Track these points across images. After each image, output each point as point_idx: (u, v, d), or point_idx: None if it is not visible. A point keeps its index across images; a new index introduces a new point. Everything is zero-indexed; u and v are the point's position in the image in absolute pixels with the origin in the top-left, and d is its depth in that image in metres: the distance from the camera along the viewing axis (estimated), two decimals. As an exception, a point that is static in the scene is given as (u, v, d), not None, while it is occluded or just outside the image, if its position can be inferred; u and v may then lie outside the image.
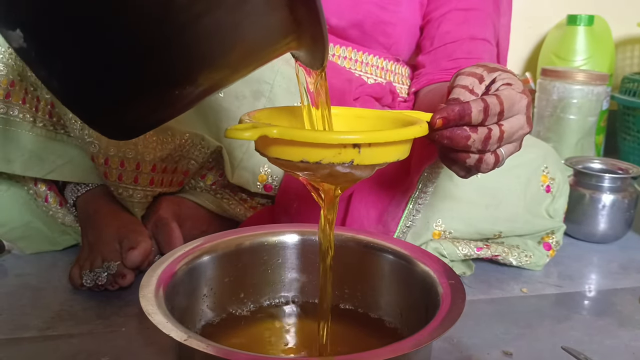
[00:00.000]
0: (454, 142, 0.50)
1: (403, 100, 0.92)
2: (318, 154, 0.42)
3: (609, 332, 0.69)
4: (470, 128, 0.50)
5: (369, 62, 0.89)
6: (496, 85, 0.53)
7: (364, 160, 0.43)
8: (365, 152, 0.42)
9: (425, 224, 0.79)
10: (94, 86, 0.37)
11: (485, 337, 0.66)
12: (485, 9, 0.87)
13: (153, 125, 0.43)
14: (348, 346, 0.56)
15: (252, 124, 0.43)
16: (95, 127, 0.41)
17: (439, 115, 0.49)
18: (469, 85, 0.52)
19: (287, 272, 0.63)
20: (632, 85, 1.41)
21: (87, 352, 0.60)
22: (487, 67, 0.54)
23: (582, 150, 1.33)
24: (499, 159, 0.54)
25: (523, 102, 0.52)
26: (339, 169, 0.43)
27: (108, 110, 0.39)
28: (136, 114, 0.40)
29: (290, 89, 0.81)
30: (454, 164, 0.55)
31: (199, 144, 0.81)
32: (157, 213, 0.80)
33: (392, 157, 0.45)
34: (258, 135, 0.41)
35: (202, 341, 0.41)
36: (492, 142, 0.51)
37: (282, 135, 0.41)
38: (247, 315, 0.60)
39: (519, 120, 0.53)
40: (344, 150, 0.42)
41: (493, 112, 0.50)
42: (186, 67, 0.38)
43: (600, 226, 0.95)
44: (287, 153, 0.43)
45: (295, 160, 0.43)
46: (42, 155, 0.78)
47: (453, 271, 0.55)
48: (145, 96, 0.39)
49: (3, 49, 0.74)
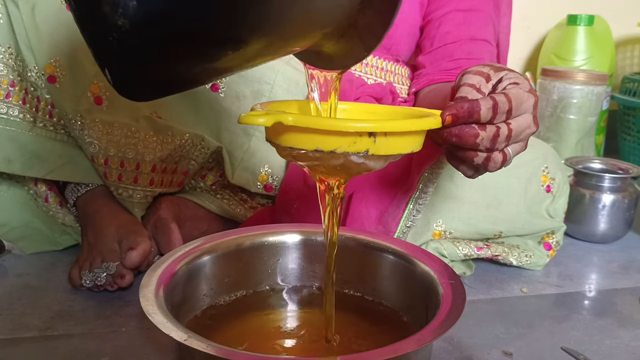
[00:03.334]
0: (463, 140, 0.50)
1: (403, 100, 0.92)
2: (333, 143, 0.41)
3: (609, 332, 0.69)
4: (478, 126, 0.50)
5: (368, 62, 0.89)
6: (503, 84, 0.53)
7: (380, 150, 0.42)
8: (381, 141, 0.42)
9: (426, 224, 0.79)
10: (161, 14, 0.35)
11: (485, 337, 0.66)
12: (485, 10, 0.87)
13: (181, 87, 0.41)
14: (351, 346, 0.56)
15: (266, 110, 0.42)
16: (131, 73, 0.38)
17: (448, 112, 0.48)
18: (476, 84, 0.52)
19: (287, 272, 0.63)
20: (632, 85, 1.41)
21: (87, 352, 0.60)
22: (493, 67, 0.54)
23: (582, 150, 1.33)
24: (506, 158, 0.54)
25: (530, 101, 0.52)
26: (352, 159, 0.42)
27: (160, 51, 0.37)
28: (182, 64, 0.38)
29: (290, 89, 0.81)
30: (461, 163, 0.55)
31: (199, 144, 0.81)
32: (157, 213, 0.80)
33: (407, 148, 0.44)
34: (273, 121, 0.40)
35: (202, 341, 0.41)
36: (500, 141, 0.51)
37: (298, 122, 0.40)
38: (247, 315, 0.60)
39: (526, 119, 0.52)
40: (360, 139, 0.41)
41: (502, 110, 0.50)
42: (250, 16, 0.36)
43: (601, 226, 0.95)
44: (301, 141, 0.42)
45: (309, 149, 0.42)
46: (42, 155, 0.78)
47: (453, 271, 0.55)
48: (200, 44, 0.37)
49: (3, 49, 0.74)
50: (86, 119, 0.74)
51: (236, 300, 0.60)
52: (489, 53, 0.88)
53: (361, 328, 0.58)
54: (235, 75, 0.80)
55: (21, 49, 0.74)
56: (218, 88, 0.80)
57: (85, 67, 0.75)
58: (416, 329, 0.45)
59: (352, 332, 0.56)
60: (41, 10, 0.73)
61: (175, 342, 0.42)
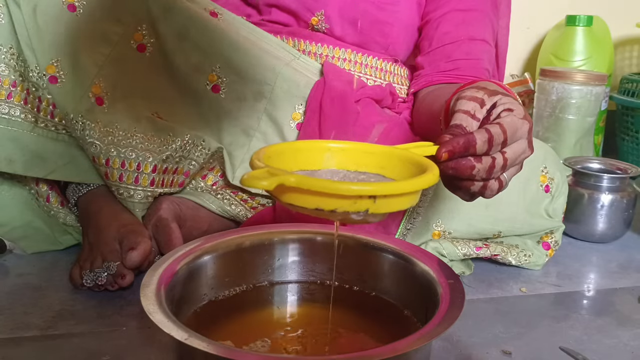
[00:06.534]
0: (459, 172, 0.51)
1: (402, 101, 0.92)
2: (334, 203, 0.42)
3: (608, 331, 0.69)
4: (474, 158, 0.51)
5: (368, 63, 0.89)
6: (497, 110, 0.54)
7: (379, 209, 0.43)
8: (381, 202, 0.43)
9: (425, 224, 0.80)
10: None
11: (484, 336, 0.66)
12: (484, 10, 0.88)
13: None
14: (350, 346, 0.56)
15: (268, 170, 0.42)
16: None
17: (445, 148, 0.50)
18: (471, 110, 0.54)
19: (288, 272, 0.63)
20: (630, 85, 1.41)
21: (88, 352, 0.60)
22: (487, 90, 0.55)
23: (581, 150, 1.33)
24: (502, 185, 0.55)
25: (525, 128, 0.54)
26: (352, 217, 0.43)
27: None
28: None
29: (291, 90, 0.81)
30: (458, 190, 0.56)
31: (199, 145, 0.81)
32: (157, 213, 0.80)
33: (406, 205, 0.46)
34: (276, 184, 0.40)
35: (202, 340, 0.42)
36: (496, 170, 0.52)
37: (300, 184, 0.41)
38: (247, 315, 0.60)
39: (521, 145, 0.54)
40: (360, 200, 0.42)
41: (497, 142, 0.51)
42: None
43: (599, 226, 0.96)
44: (302, 200, 0.43)
45: (310, 207, 0.43)
46: (43, 155, 0.78)
47: (452, 271, 0.55)
48: None
49: (5, 49, 0.74)
50: (87, 120, 0.75)
51: (236, 295, 0.60)
52: (488, 53, 0.88)
53: (362, 323, 0.58)
54: (235, 77, 0.80)
55: (23, 49, 0.74)
56: (219, 89, 0.81)
57: (86, 68, 0.75)
58: (416, 325, 0.46)
59: (353, 328, 0.57)
60: (43, 11, 0.73)
61: (176, 341, 0.42)
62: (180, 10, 0.78)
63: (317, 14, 0.86)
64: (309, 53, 0.87)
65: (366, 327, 0.58)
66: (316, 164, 0.51)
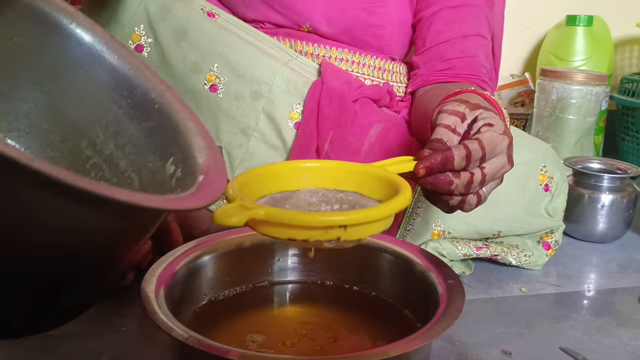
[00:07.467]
0: (437, 188, 0.52)
1: (401, 99, 0.92)
2: (305, 234, 0.43)
3: (608, 331, 0.69)
4: (452, 174, 0.52)
5: (365, 62, 0.89)
6: (478, 125, 0.55)
7: (350, 236, 0.44)
8: (352, 230, 0.43)
9: (425, 224, 0.80)
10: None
11: (484, 336, 0.66)
12: (476, 3, 0.87)
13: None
14: (350, 346, 0.56)
15: (240, 203, 0.43)
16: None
17: (422, 165, 0.50)
18: (452, 125, 0.54)
19: (288, 272, 0.63)
20: (630, 85, 1.41)
21: (88, 351, 0.60)
22: (469, 104, 0.56)
23: (581, 150, 1.33)
24: (481, 199, 0.56)
25: (504, 143, 0.54)
26: (326, 244, 0.44)
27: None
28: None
29: (289, 90, 0.81)
30: (438, 203, 0.56)
31: (199, 144, 0.81)
32: (157, 213, 0.80)
33: (377, 230, 0.46)
34: (246, 219, 0.42)
35: (202, 340, 0.42)
36: (474, 186, 0.53)
37: (269, 217, 0.42)
38: (247, 315, 0.60)
39: (501, 160, 0.55)
40: (330, 230, 0.43)
41: (475, 158, 0.52)
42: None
43: (599, 226, 0.96)
44: (274, 232, 0.43)
45: (282, 237, 0.43)
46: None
47: (452, 270, 0.55)
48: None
49: None
50: (86, 119, 0.74)
51: (236, 295, 0.60)
52: (484, 48, 0.87)
53: (361, 323, 0.58)
54: (233, 76, 0.80)
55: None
56: (217, 89, 0.81)
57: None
58: (416, 325, 0.46)
59: (353, 328, 0.57)
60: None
61: (176, 342, 0.42)
62: (178, 11, 0.78)
63: (304, 27, 0.86)
64: (305, 54, 0.87)
65: (366, 327, 0.58)
66: (296, 184, 0.51)
